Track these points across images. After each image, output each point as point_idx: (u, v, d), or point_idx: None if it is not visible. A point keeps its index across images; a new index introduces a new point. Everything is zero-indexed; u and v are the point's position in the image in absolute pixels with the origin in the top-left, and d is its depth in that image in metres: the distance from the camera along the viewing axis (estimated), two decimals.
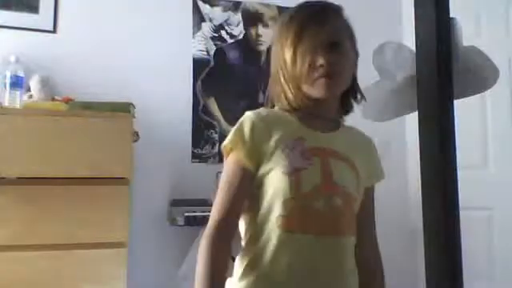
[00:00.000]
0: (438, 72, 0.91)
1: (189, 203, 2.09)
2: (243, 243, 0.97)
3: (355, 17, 1.05)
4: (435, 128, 0.90)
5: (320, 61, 0.94)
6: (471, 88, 0.99)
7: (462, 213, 0.94)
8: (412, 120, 1.00)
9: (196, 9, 2.52)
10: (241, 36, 2.59)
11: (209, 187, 2.00)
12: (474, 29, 2.36)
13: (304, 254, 0.91)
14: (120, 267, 1.73)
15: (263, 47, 2.60)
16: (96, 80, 2.23)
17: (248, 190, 0.94)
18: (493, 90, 1.04)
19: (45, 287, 1.64)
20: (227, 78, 2.53)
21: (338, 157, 0.98)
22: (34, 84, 1.99)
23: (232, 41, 2.57)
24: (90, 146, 1.75)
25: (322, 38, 0.95)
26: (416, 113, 0.97)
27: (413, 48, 1.00)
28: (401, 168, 2.65)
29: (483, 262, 2.28)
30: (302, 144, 0.95)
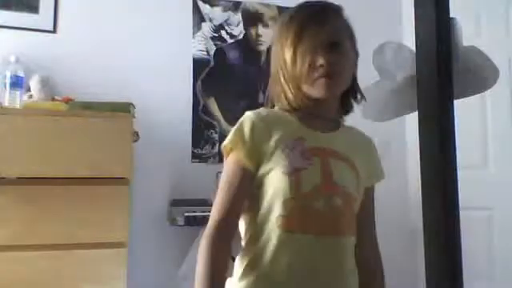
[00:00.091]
0: (438, 72, 0.91)
1: (189, 203, 2.08)
2: (243, 243, 0.97)
3: (355, 17, 1.05)
4: (435, 128, 0.90)
5: (320, 61, 0.94)
6: (471, 88, 0.99)
7: (462, 213, 0.94)
8: (412, 120, 1.00)
9: (196, 9, 2.52)
10: (241, 36, 2.59)
11: (209, 187, 2.00)
12: (474, 29, 2.36)
13: (304, 254, 0.91)
14: (120, 267, 1.73)
15: (263, 47, 2.60)
16: (96, 80, 2.23)
17: (248, 190, 0.94)
18: (493, 90, 1.04)
19: (45, 287, 1.64)
20: (227, 78, 2.53)
21: (338, 157, 0.98)
22: (34, 84, 1.99)
23: (232, 41, 2.57)
24: (90, 146, 1.75)
25: (322, 38, 0.95)
26: (416, 113, 0.97)
27: (413, 48, 1.00)
28: (401, 168, 2.65)
29: (483, 262, 2.28)
30: (302, 144, 0.95)
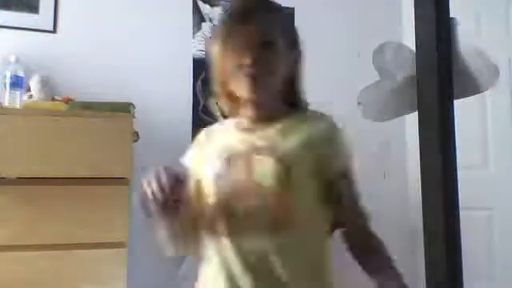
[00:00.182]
0: (438, 72, 0.91)
1: None
2: None
3: (355, 17, 1.05)
4: (435, 128, 0.90)
5: (245, 60, 0.94)
6: (471, 88, 0.99)
7: (462, 213, 0.94)
8: (412, 120, 1.00)
9: (196, 9, 2.52)
10: None
11: None
12: (474, 29, 2.36)
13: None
14: (120, 267, 1.73)
15: None
16: (96, 80, 2.23)
17: None
18: (493, 90, 1.05)
19: (45, 287, 1.64)
20: None
21: (264, 153, 0.96)
22: (34, 84, 1.98)
23: None
24: (90, 146, 1.74)
25: (249, 38, 0.95)
26: (416, 113, 0.97)
27: (413, 48, 1.00)
28: (401, 168, 2.65)
29: (483, 262, 2.28)
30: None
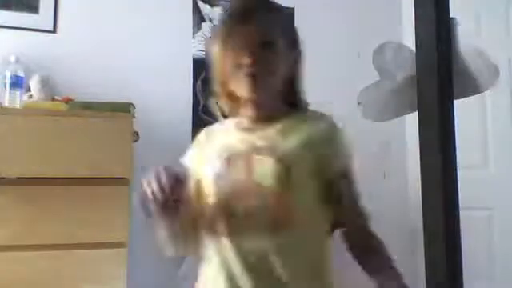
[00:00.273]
0: (438, 72, 0.91)
1: None
2: None
3: (355, 17, 1.05)
4: (435, 128, 0.90)
5: (244, 60, 0.94)
6: (471, 88, 0.99)
7: (462, 213, 0.94)
8: (412, 120, 1.00)
9: (196, 9, 2.52)
10: None
11: None
12: (474, 29, 2.36)
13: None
14: (120, 267, 1.73)
15: None
16: (96, 80, 2.23)
17: None
18: (493, 90, 1.05)
19: (45, 287, 1.64)
20: None
21: (264, 153, 0.96)
22: (34, 84, 1.98)
23: None
24: (90, 146, 1.74)
25: (249, 38, 0.95)
26: (416, 113, 0.97)
27: (413, 48, 1.00)
28: (401, 168, 2.65)
29: (483, 262, 2.28)
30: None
